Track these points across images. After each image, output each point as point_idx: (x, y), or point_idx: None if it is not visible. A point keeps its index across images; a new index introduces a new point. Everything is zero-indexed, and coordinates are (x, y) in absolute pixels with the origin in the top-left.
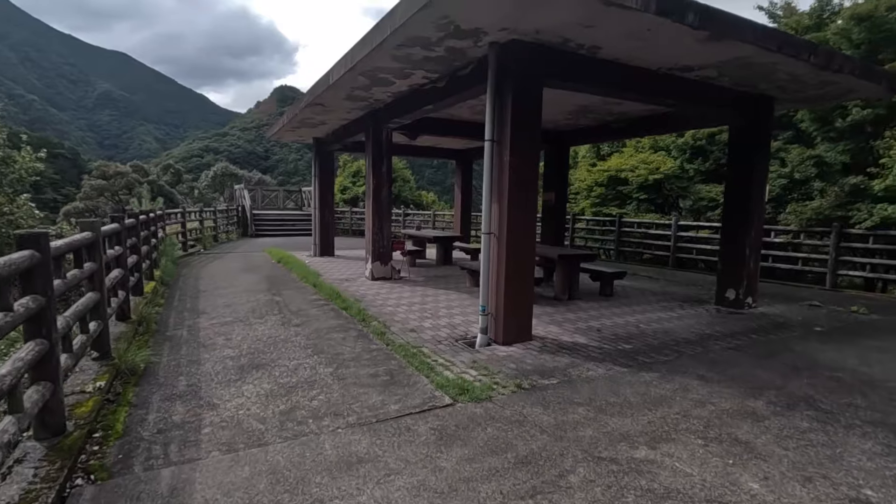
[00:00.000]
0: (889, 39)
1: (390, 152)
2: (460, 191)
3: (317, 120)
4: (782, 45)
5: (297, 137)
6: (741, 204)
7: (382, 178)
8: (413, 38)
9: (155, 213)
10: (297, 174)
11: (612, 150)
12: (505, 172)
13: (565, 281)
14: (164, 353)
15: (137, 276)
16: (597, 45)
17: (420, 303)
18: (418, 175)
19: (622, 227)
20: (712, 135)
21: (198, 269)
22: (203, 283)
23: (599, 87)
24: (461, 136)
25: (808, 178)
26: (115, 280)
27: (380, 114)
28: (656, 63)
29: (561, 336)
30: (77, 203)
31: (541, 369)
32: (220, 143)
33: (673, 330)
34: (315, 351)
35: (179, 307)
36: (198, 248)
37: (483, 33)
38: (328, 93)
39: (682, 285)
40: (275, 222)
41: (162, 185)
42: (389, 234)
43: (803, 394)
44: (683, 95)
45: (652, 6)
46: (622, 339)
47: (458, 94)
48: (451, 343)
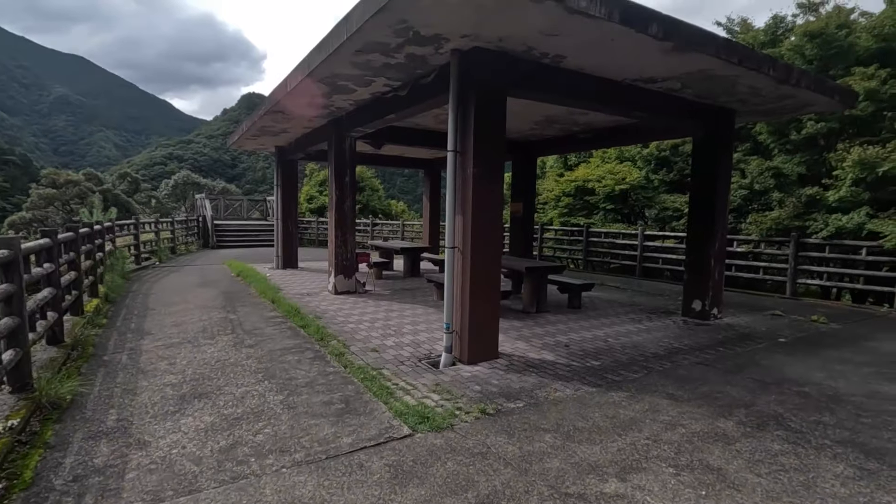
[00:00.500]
0: (839, 56)
1: (354, 162)
2: (429, 201)
3: (278, 128)
4: (743, 59)
5: (258, 146)
6: (705, 215)
7: (346, 189)
8: (371, 44)
9: (102, 224)
10: (266, 182)
11: (580, 161)
12: (469, 184)
13: (533, 293)
14: (97, 382)
15: (76, 294)
16: (561, 55)
17: (384, 319)
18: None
19: (590, 237)
20: (676, 146)
21: (150, 284)
22: (153, 300)
23: (564, 98)
24: (427, 145)
25: (767, 189)
26: (43, 301)
27: (342, 122)
28: (621, 74)
29: (528, 353)
30: (24, 213)
31: (506, 391)
32: (184, 150)
33: (641, 344)
34: (266, 376)
35: (123, 327)
36: (153, 261)
37: (444, 40)
38: (287, 100)
39: (650, 295)
40: (238, 233)
41: (118, 194)
42: (353, 247)
43: (772, 412)
44: (648, 107)
45: (616, 15)
46: (591, 354)
47: (422, 102)
48: (413, 364)
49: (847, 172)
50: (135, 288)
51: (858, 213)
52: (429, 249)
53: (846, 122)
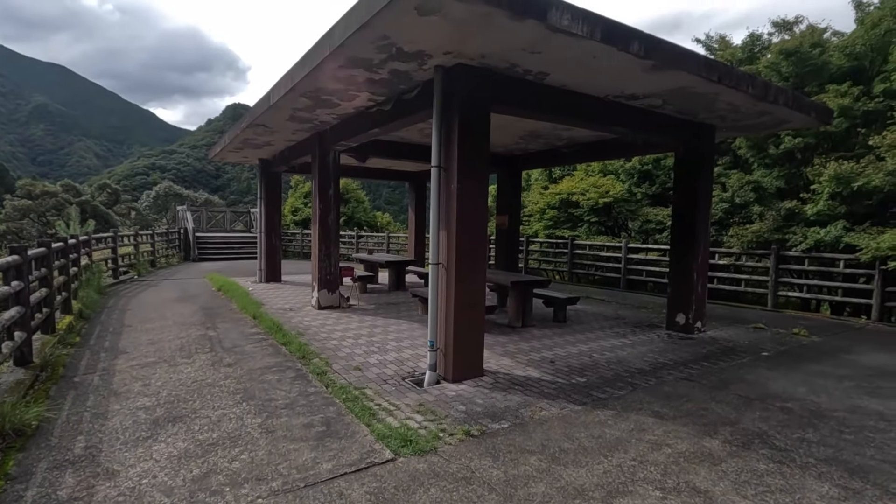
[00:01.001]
0: (813, 73)
1: (337, 175)
2: (414, 213)
3: (261, 141)
4: (723, 76)
5: (241, 158)
6: (687, 228)
7: (329, 203)
8: (354, 60)
9: (78, 238)
10: (251, 193)
11: (564, 174)
12: (453, 200)
13: (519, 308)
14: (66, 406)
15: (47, 312)
16: (544, 72)
17: (368, 335)
18: (375, 194)
19: (574, 249)
20: (658, 160)
21: (127, 299)
22: (129, 316)
23: (547, 114)
24: (411, 158)
25: (747, 203)
26: (10, 321)
27: (326, 136)
28: (603, 91)
29: (513, 370)
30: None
31: (491, 411)
32: (167, 160)
33: (626, 359)
34: (245, 397)
35: (96, 346)
36: (131, 275)
37: (427, 56)
38: (269, 114)
39: (634, 308)
40: (220, 245)
41: (97, 205)
42: (337, 261)
43: (757, 429)
44: (630, 123)
45: (597, 34)
46: (576, 371)
47: (406, 117)
48: (397, 382)
49: (824, 187)
50: (111, 303)
51: (835, 227)
52: (414, 263)
53: (822, 138)
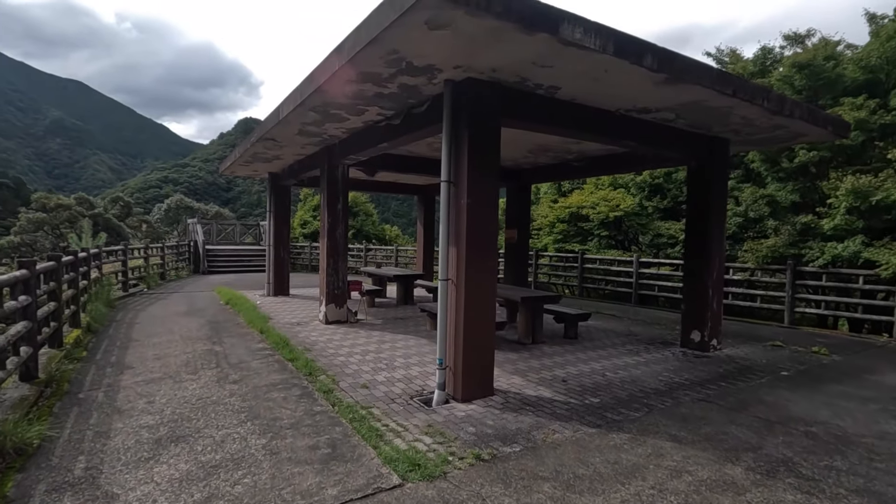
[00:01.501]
0: (827, 86)
1: (346, 189)
2: (422, 227)
3: (270, 155)
4: (737, 90)
5: (251, 172)
6: (701, 244)
7: (338, 217)
8: (363, 74)
9: (88, 251)
10: (261, 206)
11: (574, 187)
12: (462, 215)
13: (529, 324)
14: (68, 424)
15: (55, 326)
16: (555, 86)
17: (375, 351)
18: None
19: (585, 263)
20: (669, 173)
21: (135, 312)
22: (137, 331)
23: (558, 128)
24: (420, 172)
25: (761, 217)
26: (16, 336)
27: (335, 150)
28: (615, 104)
29: (524, 389)
30: (12, 238)
31: (502, 433)
32: (179, 174)
33: (641, 378)
34: (249, 416)
35: (102, 361)
36: (140, 288)
37: (437, 70)
38: (279, 128)
39: (647, 324)
40: (230, 258)
41: (109, 218)
42: (345, 275)
43: (781, 455)
44: (641, 137)
45: (610, 47)
46: (589, 391)
47: (415, 131)
48: (405, 401)
49: (841, 201)
50: (119, 317)
51: (853, 242)
52: (423, 276)
53: (837, 151)
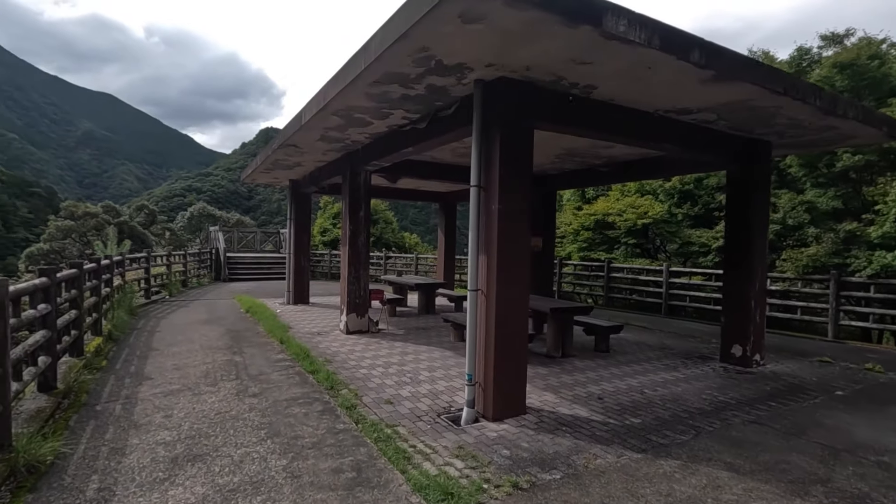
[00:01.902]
0: (872, 86)
1: (368, 196)
2: (444, 235)
3: (291, 162)
4: (789, 88)
5: (271, 180)
6: (743, 253)
7: (360, 224)
8: (390, 75)
9: (111, 258)
10: (280, 214)
11: (598, 194)
12: (493, 222)
13: (558, 336)
14: (84, 439)
15: (76, 335)
16: (592, 85)
17: (398, 363)
18: (401, 215)
19: (611, 272)
20: (700, 179)
21: (156, 320)
22: (157, 339)
23: (592, 130)
24: (444, 179)
25: (801, 224)
26: (35, 346)
27: (357, 156)
28: (653, 105)
29: (558, 407)
30: (42, 245)
31: (539, 457)
32: (203, 182)
33: (682, 396)
34: (270, 433)
35: (122, 370)
36: (163, 295)
37: (467, 69)
38: (301, 134)
39: (680, 337)
40: (250, 265)
41: (134, 226)
42: (367, 283)
43: (856, 490)
44: (679, 140)
45: (655, 41)
46: (628, 410)
47: (441, 135)
48: (432, 419)
49: (891, 207)
50: (141, 325)
51: None
52: (444, 285)
53: (883, 155)
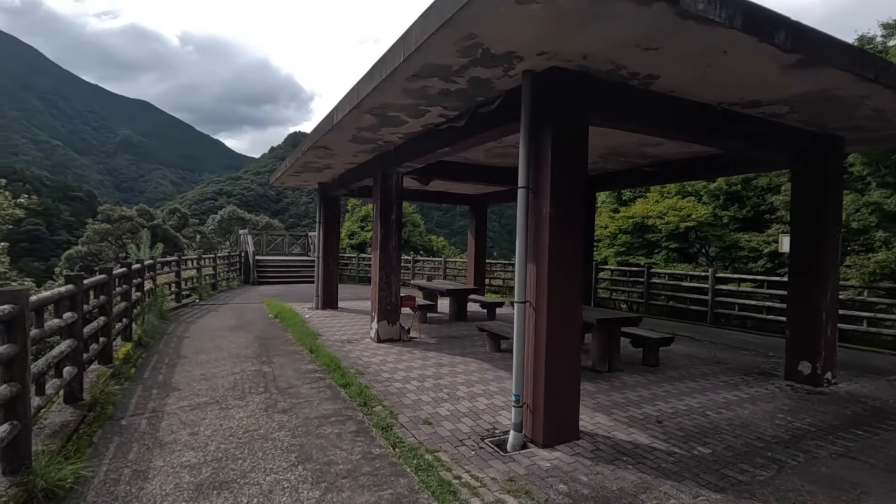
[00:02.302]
0: None
1: (400, 199)
2: (474, 238)
3: (321, 164)
4: (880, 74)
5: (300, 182)
6: (811, 260)
7: (391, 228)
8: (430, 67)
9: (143, 262)
10: (308, 217)
11: (636, 195)
12: (544, 227)
13: (605, 349)
14: (106, 459)
15: (104, 342)
16: (654, 74)
17: (434, 376)
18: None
19: (651, 278)
20: (748, 179)
21: (186, 325)
22: (186, 346)
23: (648, 126)
24: (477, 181)
25: (867, 228)
26: (59, 356)
27: (389, 157)
28: (719, 96)
29: (614, 431)
30: (80, 247)
31: (603, 495)
32: (233, 186)
33: (752, 421)
34: (300, 458)
35: (150, 380)
36: (193, 299)
37: (516, 59)
38: (332, 135)
39: (733, 349)
40: (279, 268)
41: (167, 229)
42: (398, 290)
43: None
44: (741, 136)
45: (738, 20)
46: (693, 436)
47: (481, 133)
48: (476, 443)
49: None
50: (171, 329)
51: None
52: (476, 291)
53: None
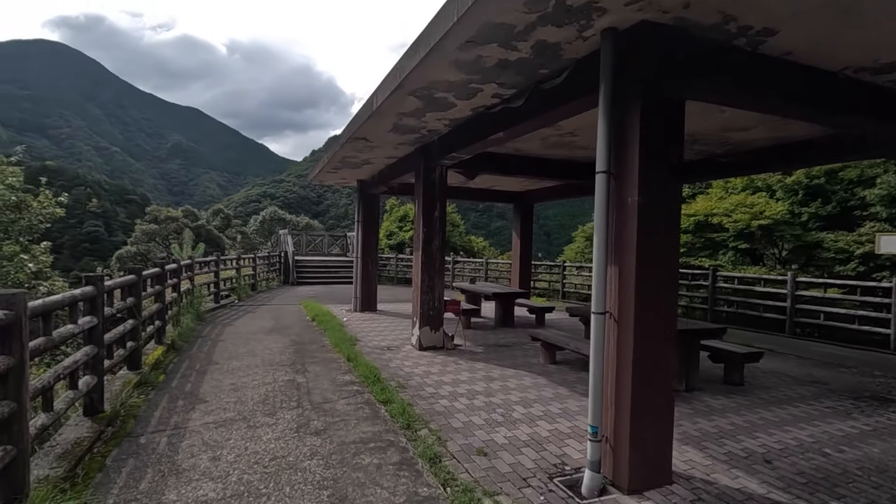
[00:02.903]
0: None
1: (444, 195)
2: (519, 238)
3: (360, 159)
4: None
5: (339, 180)
6: None
7: (434, 226)
8: (489, 29)
9: (179, 262)
10: (347, 218)
11: (696, 191)
12: (631, 219)
13: (681, 365)
14: (115, 489)
15: (132, 346)
16: (770, 29)
17: (484, 392)
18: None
19: (717, 281)
20: (833, 171)
21: (222, 327)
22: (219, 350)
23: (755, 99)
24: (529, 174)
25: None
26: (73, 366)
27: (433, 149)
28: (846, 59)
29: (714, 472)
30: (129, 247)
31: None
32: (276, 188)
33: (889, 464)
34: (335, 496)
35: (177, 389)
36: (232, 299)
37: (598, 12)
38: (372, 122)
39: (827, 366)
40: (318, 269)
41: (210, 229)
42: (442, 293)
43: None
44: (868, 109)
45: None
46: (819, 484)
47: (543, 115)
48: (543, 484)
49: None
50: (206, 332)
51: None
52: (523, 294)
53: None
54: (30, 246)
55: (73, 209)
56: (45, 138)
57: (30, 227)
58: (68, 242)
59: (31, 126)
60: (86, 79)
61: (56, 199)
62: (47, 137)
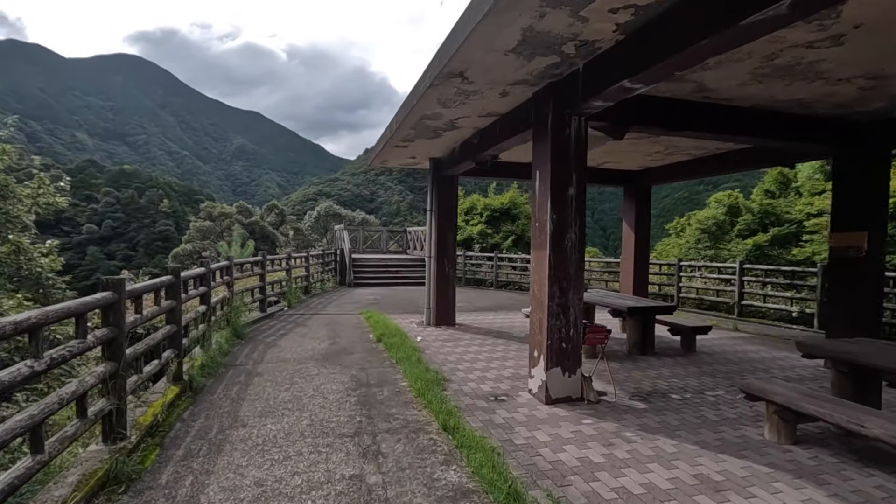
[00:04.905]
0: None
1: (583, 161)
2: (633, 230)
3: (444, 120)
4: None
5: (405, 160)
6: None
7: (568, 209)
8: None
9: (208, 266)
10: (399, 215)
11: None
12: None
13: None
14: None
15: (109, 409)
16: None
17: None
18: None
19: None
20: None
21: (264, 347)
22: (252, 396)
23: None
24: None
25: None
26: None
27: (571, 86)
28: None
29: None
30: (185, 245)
31: None
32: (331, 187)
33: None
34: None
35: (169, 486)
36: (281, 306)
37: None
38: (485, 31)
39: None
40: (377, 268)
41: (264, 226)
42: (580, 315)
43: None
44: None
45: None
46: None
47: None
48: None
49: None
50: (241, 357)
51: None
52: (665, 310)
53: None
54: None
55: (148, 209)
56: (124, 145)
57: (10, 218)
58: (143, 241)
59: (113, 134)
60: (160, 88)
61: (55, 184)
62: (126, 144)
